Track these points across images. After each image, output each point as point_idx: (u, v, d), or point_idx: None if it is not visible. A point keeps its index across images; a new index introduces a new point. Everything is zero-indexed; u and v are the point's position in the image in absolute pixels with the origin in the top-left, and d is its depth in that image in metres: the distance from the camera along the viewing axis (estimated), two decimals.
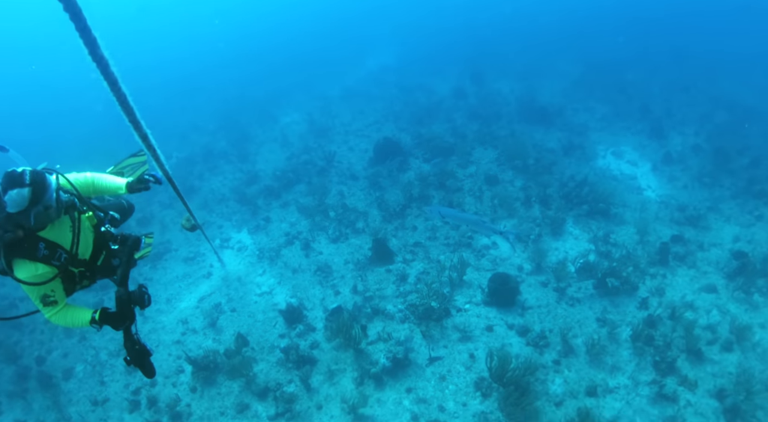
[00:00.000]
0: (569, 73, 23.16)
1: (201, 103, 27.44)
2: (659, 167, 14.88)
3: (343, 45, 34.32)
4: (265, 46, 37.58)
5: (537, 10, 34.76)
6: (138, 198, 14.76)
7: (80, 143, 22.04)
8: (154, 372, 4.15)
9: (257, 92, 27.09)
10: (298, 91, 26.25)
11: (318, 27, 40.56)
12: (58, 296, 3.95)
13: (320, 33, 38.42)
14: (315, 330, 10.21)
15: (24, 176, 3.47)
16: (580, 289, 10.11)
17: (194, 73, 34.09)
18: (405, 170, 15.37)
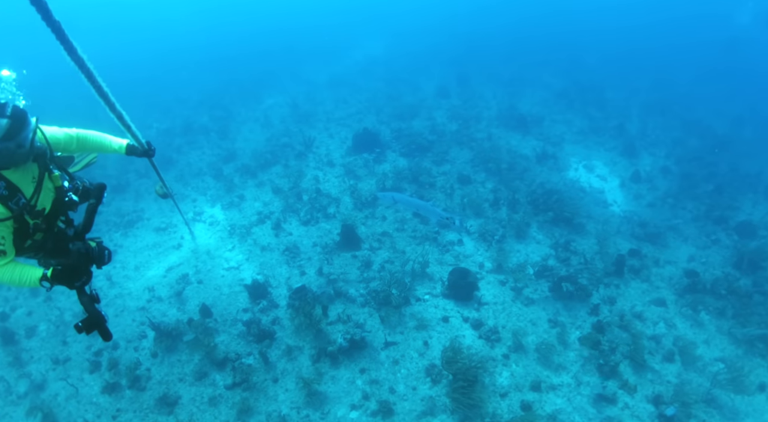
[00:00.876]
0: (552, 86, 23.67)
1: (187, 77, 27.42)
2: (627, 184, 15.42)
3: (335, 33, 34.49)
4: (257, 27, 37.50)
5: (531, 23, 35.26)
6: (114, 167, 14.92)
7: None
8: (111, 335, 3.91)
9: (244, 72, 27.14)
10: (285, 75, 26.36)
11: (312, 12, 40.58)
12: (7, 246, 3.66)
13: (313, 19, 38.48)
14: (278, 307, 10.48)
15: (5, 108, 3.34)
16: (536, 291, 10.55)
17: (183, 47, 33.92)
18: (381, 162, 15.69)
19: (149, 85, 26.43)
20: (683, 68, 26.76)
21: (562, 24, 34.74)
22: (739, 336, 9.76)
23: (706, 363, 9.28)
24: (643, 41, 31.14)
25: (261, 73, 26.73)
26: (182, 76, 27.81)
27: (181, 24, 42.23)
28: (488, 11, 38.35)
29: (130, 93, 26.20)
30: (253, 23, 39.04)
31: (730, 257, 12.19)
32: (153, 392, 9.12)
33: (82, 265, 3.81)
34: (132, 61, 32.42)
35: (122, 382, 9.37)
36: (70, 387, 9.39)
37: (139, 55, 34.10)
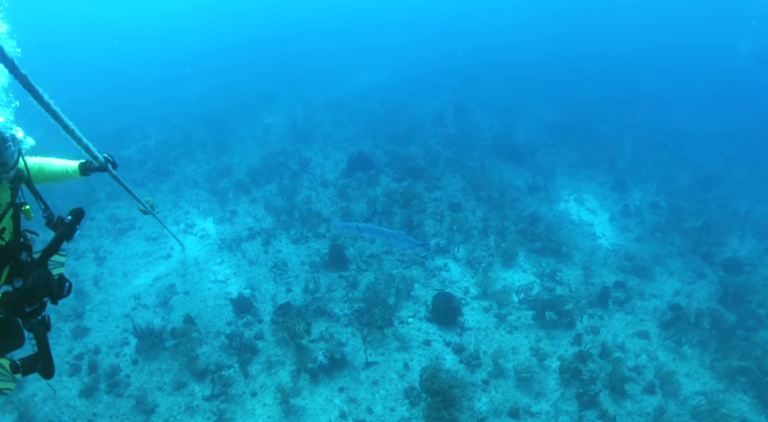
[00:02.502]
0: (547, 118, 24.05)
1: (188, 90, 27.76)
2: (616, 218, 15.60)
3: (338, 57, 34.97)
4: (263, 47, 37.97)
5: (529, 56, 35.86)
6: (109, 177, 14.97)
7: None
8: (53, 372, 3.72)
9: (247, 89, 27.47)
10: (286, 95, 26.71)
11: (319, 36, 41.15)
12: None
13: (320, 42, 38.99)
14: (262, 322, 10.52)
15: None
16: (520, 318, 10.62)
17: (187, 60, 34.34)
18: (374, 185, 15.86)
19: (151, 95, 26.77)
20: (678, 105, 27.24)
21: (560, 59, 35.35)
22: (721, 370, 9.83)
23: (687, 395, 9.32)
24: (638, 77, 31.73)
25: (263, 91, 27.07)
26: (184, 88, 28.13)
27: (187, 37, 42.75)
28: (489, 45, 39.00)
29: (132, 102, 26.54)
30: (259, 43, 39.53)
31: (716, 292, 12.31)
32: (130, 399, 9.09)
33: (37, 293, 3.47)
34: (136, 70, 32.84)
35: (101, 387, 9.36)
36: (48, 389, 9.36)
37: (143, 64, 34.53)
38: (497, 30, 42.98)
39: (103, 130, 22.85)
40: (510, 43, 39.57)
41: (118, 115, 24.69)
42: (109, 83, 30.27)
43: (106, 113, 24.93)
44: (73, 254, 13.41)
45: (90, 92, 28.09)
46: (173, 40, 42.14)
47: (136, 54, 37.67)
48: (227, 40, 40.39)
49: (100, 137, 21.65)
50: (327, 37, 41.00)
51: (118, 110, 25.47)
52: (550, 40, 39.56)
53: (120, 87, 29.61)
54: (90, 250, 13.44)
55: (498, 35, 42.06)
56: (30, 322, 3.56)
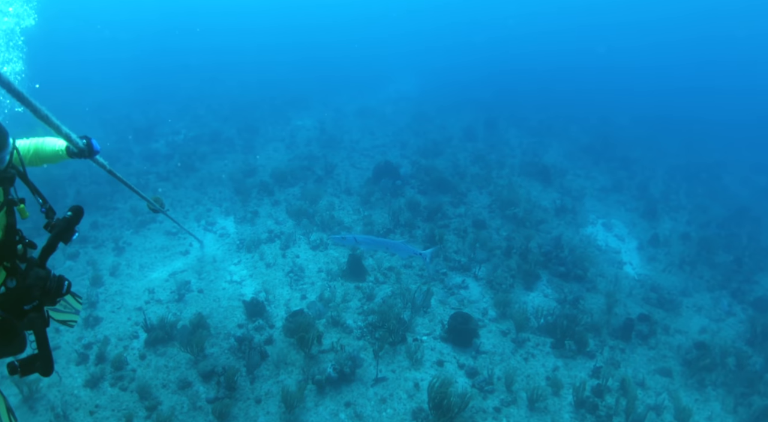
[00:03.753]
0: (579, 140, 23.63)
1: (222, 89, 27.91)
2: (644, 247, 15.14)
3: (371, 65, 34.96)
4: (295, 50, 38.19)
5: (566, 76, 35.46)
6: (136, 168, 15.16)
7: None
8: (52, 370, 3.56)
9: (278, 92, 27.58)
10: (317, 99, 26.74)
11: (351, 42, 41.26)
12: None
13: (351, 49, 39.08)
14: (273, 327, 10.34)
15: None
16: (538, 345, 10.27)
17: (223, 61, 34.65)
18: (398, 196, 15.64)
19: (184, 92, 26.99)
20: (714, 134, 26.61)
21: (597, 79, 34.89)
22: (745, 415, 9.36)
23: None
24: (676, 104, 31.15)
25: (294, 95, 27.16)
26: (218, 88, 28.31)
27: (224, 37, 43.17)
28: (524, 60, 38.63)
29: (165, 97, 26.80)
30: (293, 47, 39.77)
31: (744, 332, 11.81)
32: (134, 394, 8.97)
33: (34, 292, 3.36)
34: (173, 66, 33.23)
35: (106, 378, 9.27)
36: (54, 375, 9.29)
37: (180, 61, 34.93)
38: (532, 45, 42.60)
39: (135, 122, 23.12)
40: (545, 60, 39.16)
41: (151, 108, 24.97)
42: (145, 78, 30.66)
43: (140, 106, 25.23)
44: (93, 242, 13.45)
45: (125, 86, 28.49)
46: (211, 39, 42.57)
47: (174, 50, 38.17)
48: (263, 41, 40.70)
49: (131, 128, 21.92)
50: (361, 44, 41.10)
51: (151, 104, 25.76)
52: (588, 60, 39.06)
53: (154, 83, 29.97)
54: (110, 239, 13.45)
55: (532, 51, 41.68)
56: (29, 317, 3.40)
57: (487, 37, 45.12)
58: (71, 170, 17.48)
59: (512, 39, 44.98)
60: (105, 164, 4.54)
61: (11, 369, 3.38)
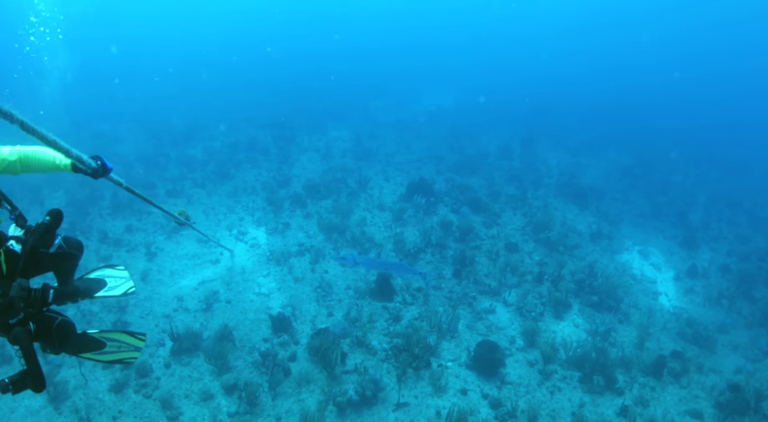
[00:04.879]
0: (619, 161, 23.10)
1: (260, 97, 28.24)
2: (681, 278, 14.67)
3: (408, 77, 34.91)
4: (333, 61, 38.43)
5: (606, 95, 34.81)
6: (173, 173, 15.41)
7: None
8: (44, 385, 3.37)
9: (315, 101, 27.83)
10: (355, 110, 26.83)
11: (390, 54, 41.33)
12: None
13: (389, 60, 39.13)
14: (298, 343, 10.32)
15: None
16: (565, 378, 9.99)
17: (262, 69, 35.10)
18: (431, 214, 15.51)
19: (222, 98, 27.40)
20: (759, 161, 25.77)
21: (638, 99, 34.17)
22: None
23: None
24: (719, 128, 30.33)
25: (332, 104, 27.31)
26: (255, 95, 28.63)
27: (267, 44, 43.73)
28: (565, 77, 38.06)
29: (205, 102, 27.24)
30: (331, 57, 40.02)
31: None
32: (157, 402, 9.08)
33: (18, 304, 3.14)
34: (214, 70, 33.80)
35: (131, 385, 9.43)
36: (80, 378, 9.47)
37: (221, 65, 35.53)
38: (573, 63, 42.03)
39: (173, 126, 23.55)
40: (586, 78, 38.59)
41: (190, 113, 25.39)
42: (186, 81, 31.28)
43: (179, 111, 25.69)
44: (126, 245, 13.70)
45: (165, 91, 29.12)
46: (255, 45, 43.19)
47: (216, 54, 38.89)
48: (303, 49, 41.11)
49: (169, 133, 22.34)
50: (400, 57, 41.10)
51: (189, 109, 26.20)
52: (630, 80, 38.30)
53: (196, 86, 30.52)
54: (143, 244, 13.66)
55: (574, 67, 41.14)
56: (14, 332, 3.22)
57: (528, 52, 44.66)
58: None
59: (555, 55, 44.37)
60: (121, 182, 4.39)
61: (2, 388, 3.24)
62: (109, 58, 35.40)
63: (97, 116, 25.08)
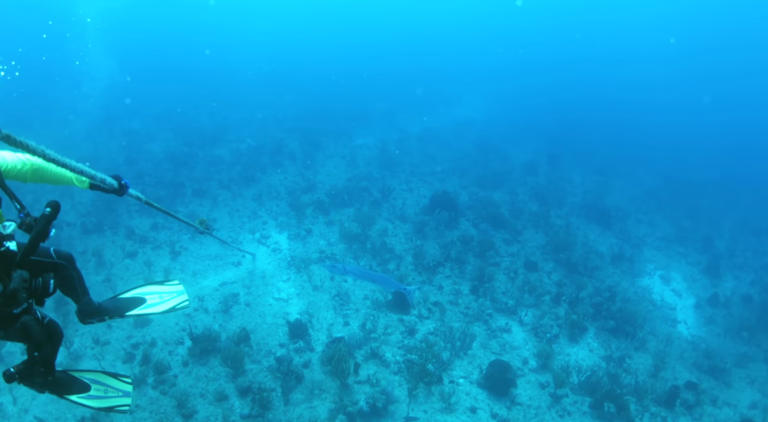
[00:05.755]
0: (645, 182, 22.84)
1: (289, 101, 28.55)
2: (702, 306, 14.51)
3: (437, 86, 34.88)
4: (363, 67, 38.61)
5: (636, 111, 34.36)
6: (200, 173, 15.70)
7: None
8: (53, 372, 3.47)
9: (343, 107, 28.01)
10: (382, 117, 27.00)
11: (418, 63, 41.34)
12: None
13: (418, 69, 39.15)
14: (313, 350, 10.47)
15: None
16: (576, 403, 9.98)
17: (290, 71, 35.46)
18: (452, 228, 15.58)
19: (251, 100, 27.81)
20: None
21: (671, 116, 33.64)
22: None
23: None
24: (753, 150, 29.77)
25: (359, 111, 27.50)
26: (285, 99, 28.95)
27: (293, 47, 44.12)
28: (593, 93, 37.58)
29: (233, 103, 27.68)
30: (361, 63, 40.21)
31: None
32: (173, 399, 9.29)
33: (20, 294, 3.17)
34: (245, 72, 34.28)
35: (149, 380, 9.65)
36: (99, 369, 9.73)
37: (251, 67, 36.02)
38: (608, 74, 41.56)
39: (202, 126, 23.98)
40: (619, 93, 38.13)
41: (218, 115, 25.84)
42: (214, 85, 31.73)
43: (207, 112, 26.15)
44: (151, 243, 14.03)
45: (194, 92, 29.63)
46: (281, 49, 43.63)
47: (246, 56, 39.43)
48: (333, 55, 41.40)
49: (198, 131, 22.78)
50: (430, 66, 41.08)
51: (218, 110, 26.65)
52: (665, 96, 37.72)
53: (222, 89, 30.92)
54: (167, 243, 13.97)
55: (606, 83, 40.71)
56: (22, 321, 3.30)
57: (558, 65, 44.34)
58: (136, 169, 18.32)
59: (588, 67, 43.98)
60: (141, 197, 4.37)
61: (8, 377, 3.29)
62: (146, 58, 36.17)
63: (129, 113, 25.67)
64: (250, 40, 46.05)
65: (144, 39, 38.87)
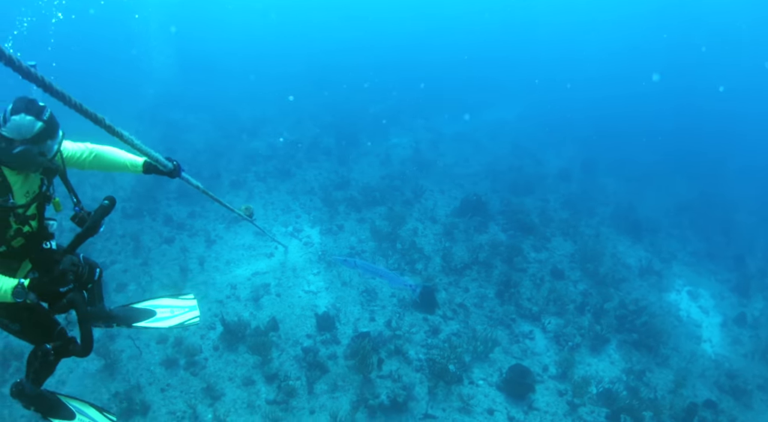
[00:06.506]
0: (680, 195, 22.39)
1: (327, 97, 28.88)
2: (729, 325, 14.41)
3: (476, 87, 34.72)
4: (404, 65, 38.65)
5: (677, 119, 33.50)
6: (237, 165, 16.17)
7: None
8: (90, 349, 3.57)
9: (380, 105, 28.26)
10: (418, 117, 27.15)
11: (459, 65, 41.18)
12: None
13: (459, 71, 38.99)
14: (339, 343, 10.82)
15: (44, 111, 3.19)
16: (593, 413, 10.12)
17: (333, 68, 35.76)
18: (481, 232, 15.76)
19: (290, 94, 28.24)
20: None
21: (713, 125, 32.73)
22: None
23: None
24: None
25: (395, 110, 27.69)
26: (324, 95, 29.29)
27: (331, 47, 44.40)
28: (634, 101, 36.70)
29: (271, 97, 28.19)
30: (402, 62, 40.24)
31: None
32: (203, 380, 9.78)
33: (69, 276, 3.41)
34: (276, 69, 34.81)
35: (180, 362, 10.15)
36: (135, 349, 10.27)
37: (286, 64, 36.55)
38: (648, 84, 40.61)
39: (240, 118, 24.55)
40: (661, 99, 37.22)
41: (257, 108, 26.35)
42: (252, 78, 32.34)
43: (246, 105, 26.69)
44: (188, 230, 14.56)
45: (233, 85, 30.31)
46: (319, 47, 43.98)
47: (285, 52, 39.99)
48: (373, 54, 41.56)
49: (237, 124, 23.35)
50: (469, 68, 40.88)
51: (257, 103, 27.15)
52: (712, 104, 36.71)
53: (260, 83, 31.49)
54: (203, 231, 14.49)
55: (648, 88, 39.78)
56: (69, 297, 3.45)
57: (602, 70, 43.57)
58: (175, 158, 18.85)
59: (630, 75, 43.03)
60: (191, 181, 4.74)
61: (44, 353, 3.47)
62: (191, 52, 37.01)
63: (171, 103, 26.39)
64: (290, 37, 46.50)
65: (188, 33, 39.62)
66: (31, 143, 3.17)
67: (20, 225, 3.52)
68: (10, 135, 3.12)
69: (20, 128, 3.10)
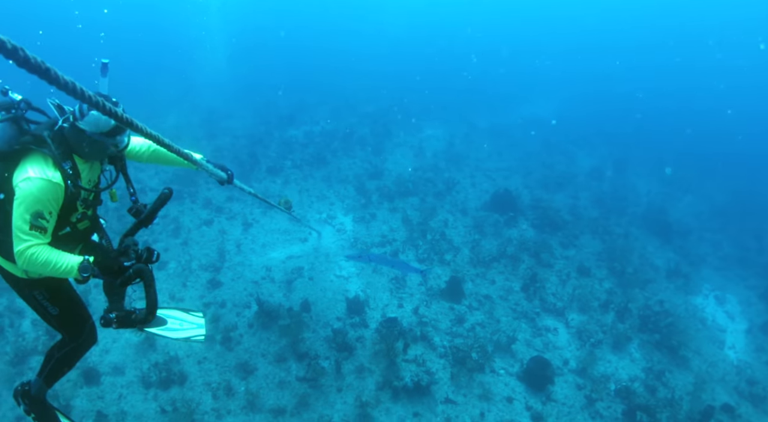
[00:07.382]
0: (714, 198, 22.13)
1: (364, 87, 29.25)
2: (754, 332, 14.42)
3: (512, 81, 34.68)
4: (441, 59, 38.77)
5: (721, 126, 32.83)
6: (275, 151, 16.75)
7: None
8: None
9: (415, 96, 28.50)
10: (453, 110, 27.32)
11: (496, 58, 41.11)
12: (51, 224, 3.43)
13: (496, 64, 38.95)
14: (367, 327, 11.30)
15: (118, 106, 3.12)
16: (609, 408, 10.40)
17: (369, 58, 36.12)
18: (511, 227, 16.03)
19: (327, 83, 28.73)
20: None
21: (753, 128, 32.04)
22: None
23: None
24: None
25: (429, 102, 27.91)
26: (360, 84, 29.66)
27: (368, 40, 44.67)
28: (670, 101, 35.99)
29: (309, 86, 28.71)
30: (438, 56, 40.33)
31: None
32: (237, 355, 10.36)
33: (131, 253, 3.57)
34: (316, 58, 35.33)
35: (217, 337, 10.71)
36: None
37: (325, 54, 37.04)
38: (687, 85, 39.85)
39: (278, 107, 25.12)
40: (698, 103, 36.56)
41: (295, 95, 26.90)
42: (293, 66, 32.93)
43: (284, 93, 27.27)
44: (227, 213, 15.19)
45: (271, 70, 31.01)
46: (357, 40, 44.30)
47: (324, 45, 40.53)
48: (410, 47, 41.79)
49: (275, 111, 23.94)
50: (505, 61, 40.77)
51: (294, 91, 27.70)
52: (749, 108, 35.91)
53: (300, 71, 32.02)
54: (241, 214, 15.11)
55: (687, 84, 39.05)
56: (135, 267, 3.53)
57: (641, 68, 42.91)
58: (215, 144, 19.57)
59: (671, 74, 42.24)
60: (244, 187, 5.15)
61: (106, 322, 3.52)
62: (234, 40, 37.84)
63: (212, 89, 27.18)
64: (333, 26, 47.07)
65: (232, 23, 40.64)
66: (107, 135, 3.45)
67: (85, 210, 3.82)
68: (87, 128, 3.39)
69: (99, 121, 3.36)
